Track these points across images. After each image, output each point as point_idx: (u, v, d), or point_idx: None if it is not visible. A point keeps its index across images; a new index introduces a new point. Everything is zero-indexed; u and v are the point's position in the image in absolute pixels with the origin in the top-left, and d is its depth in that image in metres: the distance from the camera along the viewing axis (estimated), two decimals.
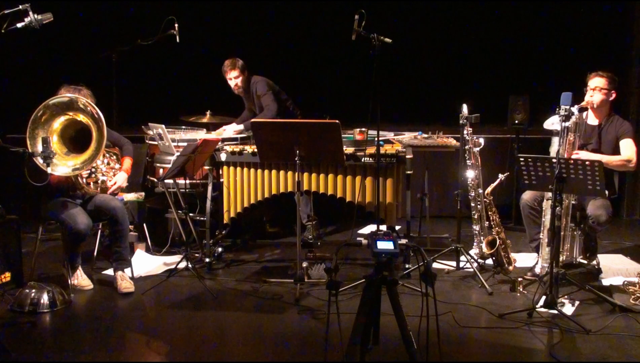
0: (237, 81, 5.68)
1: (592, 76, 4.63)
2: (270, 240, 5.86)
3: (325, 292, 4.17)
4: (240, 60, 5.67)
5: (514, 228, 5.96)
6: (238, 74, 5.65)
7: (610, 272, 4.81)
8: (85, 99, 4.29)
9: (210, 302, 4.33)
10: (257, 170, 4.90)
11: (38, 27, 3.74)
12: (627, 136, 4.58)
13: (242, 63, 5.66)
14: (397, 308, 2.84)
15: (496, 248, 4.60)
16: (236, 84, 5.70)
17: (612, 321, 3.93)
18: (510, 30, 7.56)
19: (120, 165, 4.73)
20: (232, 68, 5.64)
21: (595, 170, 3.94)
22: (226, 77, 5.71)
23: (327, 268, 2.84)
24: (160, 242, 5.43)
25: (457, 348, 3.66)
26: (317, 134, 4.42)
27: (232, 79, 5.68)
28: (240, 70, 5.65)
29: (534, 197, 4.64)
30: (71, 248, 4.47)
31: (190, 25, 6.31)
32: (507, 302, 4.28)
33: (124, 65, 5.92)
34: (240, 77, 5.66)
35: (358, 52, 5.01)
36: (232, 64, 5.64)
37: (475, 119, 4.67)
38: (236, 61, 5.65)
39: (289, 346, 3.69)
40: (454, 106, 4.82)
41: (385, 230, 3.36)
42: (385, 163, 4.65)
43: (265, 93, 5.65)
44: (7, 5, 3.67)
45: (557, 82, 4.82)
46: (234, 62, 5.64)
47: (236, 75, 5.66)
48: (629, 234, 6.11)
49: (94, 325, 3.99)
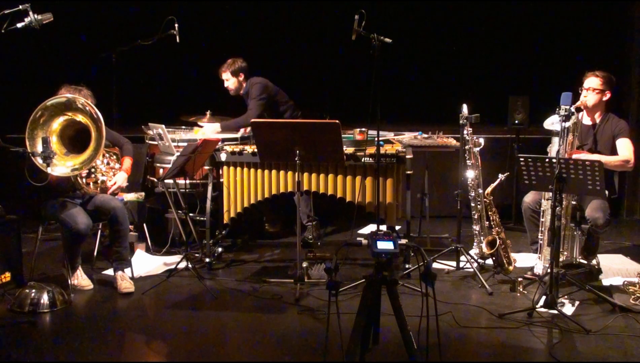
0: (227, 83, 5.64)
1: (588, 75, 4.62)
2: (270, 240, 5.86)
3: (325, 292, 4.17)
4: (238, 62, 5.58)
5: (514, 228, 5.96)
6: (229, 77, 5.59)
7: (610, 272, 4.81)
8: (83, 99, 4.28)
9: (210, 302, 4.33)
10: (257, 170, 4.89)
11: (38, 27, 3.74)
12: (623, 135, 4.57)
13: (238, 66, 5.56)
14: (397, 308, 2.84)
15: (496, 248, 4.59)
16: (227, 86, 5.67)
17: (612, 321, 3.93)
18: (511, 30, 7.56)
19: (120, 165, 4.74)
20: (225, 69, 5.59)
21: (595, 170, 3.94)
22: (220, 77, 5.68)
23: (327, 268, 2.85)
24: (160, 242, 5.43)
25: (457, 348, 3.65)
26: (317, 134, 4.42)
27: (224, 81, 5.65)
28: (232, 73, 5.56)
29: (536, 199, 4.64)
30: (71, 248, 4.46)
31: (190, 25, 6.31)
32: (507, 302, 4.28)
33: (124, 65, 5.92)
34: (231, 79, 5.60)
35: (358, 52, 5.01)
36: (226, 65, 5.59)
37: (475, 119, 4.67)
38: (233, 63, 5.57)
39: (289, 346, 3.69)
40: (454, 106, 4.82)
41: (385, 230, 3.36)
42: (385, 163, 4.65)
43: (255, 98, 5.55)
44: (7, 5, 3.67)
45: (557, 82, 4.82)
46: (229, 64, 5.58)
47: (227, 78, 5.61)
48: (629, 234, 6.11)
49: (94, 325, 3.99)
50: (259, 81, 5.64)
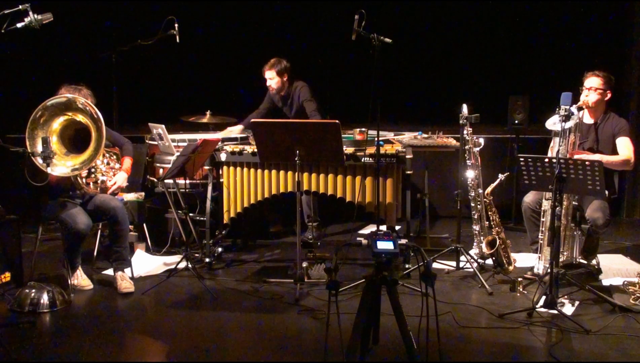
0: (271, 83, 5.67)
1: (589, 75, 4.63)
2: (270, 240, 5.86)
3: (325, 292, 4.16)
4: (284, 62, 5.62)
5: (514, 229, 5.96)
6: (273, 76, 5.63)
7: (610, 272, 4.81)
8: (83, 99, 4.28)
9: (210, 302, 4.33)
10: (257, 170, 4.90)
11: (38, 27, 3.74)
12: (623, 134, 4.58)
13: (283, 66, 5.61)
14: (397, 308, 2.84)
15: (496, 248, 4.59)
16: (270, 85, 5.70)
17: (612, 321, 3.93)
18: (510, 30, 7.56)
19: (120, 165, 4.73)
20: (270, 68, 5.63)
21: (595, 170, 3.94)
22: (264, 75, 5.69)
23: (327, 268, 2.85)
24: (160, 242, 5.43)
25: (457, 348, 3.65)
26: (317, 133, 4.42)
27: (268, 80, 5.68)
28: (278, 72, 5.61)
29: (536, 199, 4.64)
30: (71, 248, 4.46)
31: (190, 25, 6.31)
32: (507, 302, 4.28)
33: (124, 65, 5.92)
34: (276, 79, 5.64)
35: (358, 52, 5.01)
36: (271, 65, 5.62)
37: (475, 119, 4.66)
38: (278, 62, 5.61)
39: (289, 346, 3.69)
40: (454, 106, 4.82)
41: (385, 230, 3.37)
42: (385, 163, 4.65)
43: (311, 99, 5.63)
44: (7, 5, 3.67)
45: (557, 82, 4.82)
46: (275, 63, 5.61)
47: (271, 77, 5.64)
48: (629, 234, 6.11)
49: (94, 325, 3.98)
50: (304, 84, 5.71)
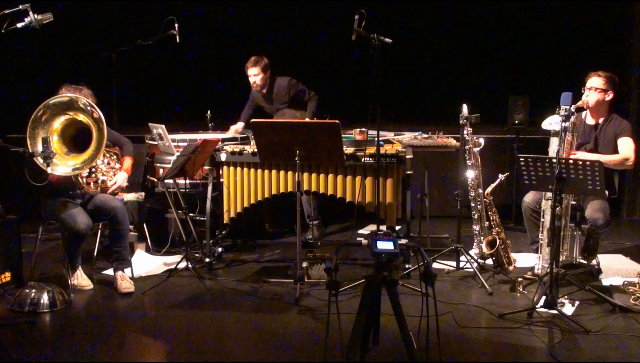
0: (255, 79, 5.72)
1: (591, 75, 4.64)
2: (270, 240, 5.86)
3: (325, 292, 4.17)
4: (265, 59, 5.70)
5: (514, 228, 5.96)
6: (258, 72, 5.69)
7: (610, 272, 4.81)
8: (85, 99, 4.29)
9: (210, 302, 4.33)
10: (257, 170, 4.89)
11: (38, 27, 3.74)
12: (625, 134, 4.58)
13: (265, 63, 5.69)
14: (397, 308, 2.84)
15: (496, 248, 4.59)
16: (254, 82, 5.74)
17: (612, 321, 3.93)
18: (510, 30, 7.56)
19: (120, 165, 4.74)
20: (253, 65, 5.68)
21: (595, 170, 3.94)
22: (247, 73, 5.74)
23: (327, 268, 2.85)
24: (160, 242, 5.43)
25: (457, 348, 3.65)
26: (317, 134, 4.42)
27: (252, 76, 5.73)
28: (262, 69, 5.68)
29: (536, 199, 4.64)
30: (71, 248, 4.46)
31: (190, 25, 6.31)
32: (507, 302, 4.28)
33: (124, 65, 5.92)
34: (260, 75, 5.70)
35: (358, 52, 5.01)
36: (254, 61, 5.68)
37: (475, 119, 4.67)
38: (260, 59, 5.68)
39: (289, 346, 3.69)
40: (454, 106, 4.82)
41: (385, 230, 3.36)
42: (385, 163, 4.65)
43: (304, 90, 5.78)
44: (7, 5, 3.67)
45: (557, 82, 4.82)
46: (257, 60, 5.68)
47: (256, 73, 5.69)
48: (629, 234, 6.11)
49: (94, 325, 3.99)
50: (290, 78, 5.82)
